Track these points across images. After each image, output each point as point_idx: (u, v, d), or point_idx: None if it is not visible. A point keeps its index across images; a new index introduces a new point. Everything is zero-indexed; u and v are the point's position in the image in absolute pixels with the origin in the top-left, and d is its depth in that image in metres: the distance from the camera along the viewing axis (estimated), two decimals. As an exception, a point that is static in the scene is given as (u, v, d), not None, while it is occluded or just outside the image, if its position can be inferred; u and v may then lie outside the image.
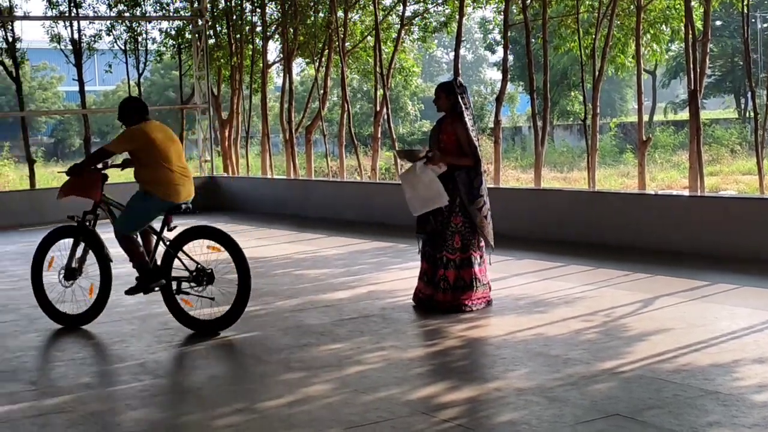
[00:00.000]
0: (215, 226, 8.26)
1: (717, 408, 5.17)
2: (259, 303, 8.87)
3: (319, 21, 18.32)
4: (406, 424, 5.19)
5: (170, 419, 5.49)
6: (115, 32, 20.12)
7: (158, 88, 47.52)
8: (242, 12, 19.88)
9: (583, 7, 14.18)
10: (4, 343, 7.65)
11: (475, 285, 8.04)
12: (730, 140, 34.15)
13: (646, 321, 7.33)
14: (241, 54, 19.64)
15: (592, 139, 13.93)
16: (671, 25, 14.70)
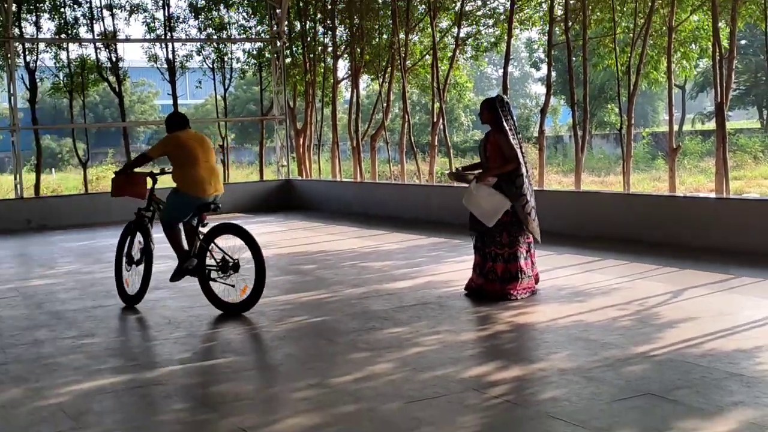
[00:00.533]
0: (238, 224, 8.44)
1: (741, 389, 5.10)
2: (330, 291, 8.93)
3: (383, 42, 18.35)
4: (459, 399, 5.19)
5: (253, 392, 5.54)
6: (205, 53, 20.37)
7: (241, 102, 47.96)
8: (315, 34, 19.99)
9: (619, 28, 14.04)
10: (109, 324, 7.79)
11: (520, 277, 8.01)
12: (753, 148, 33.63)
13: (676, 310, 7.25)
14: (314, 71, 19.74)
15: (627, 147, 13.79)
16: (700, 44, 14.50)
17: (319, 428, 4.81)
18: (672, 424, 4.59)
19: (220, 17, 20.42)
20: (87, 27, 19.12)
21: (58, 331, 7.59)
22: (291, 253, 12.02)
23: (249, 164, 38.18)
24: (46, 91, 21.76)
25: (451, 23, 17.56)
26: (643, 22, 13.30)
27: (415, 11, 17.44)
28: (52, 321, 8.04)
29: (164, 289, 9.39)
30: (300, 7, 19.97)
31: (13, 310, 8.70)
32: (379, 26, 18.49)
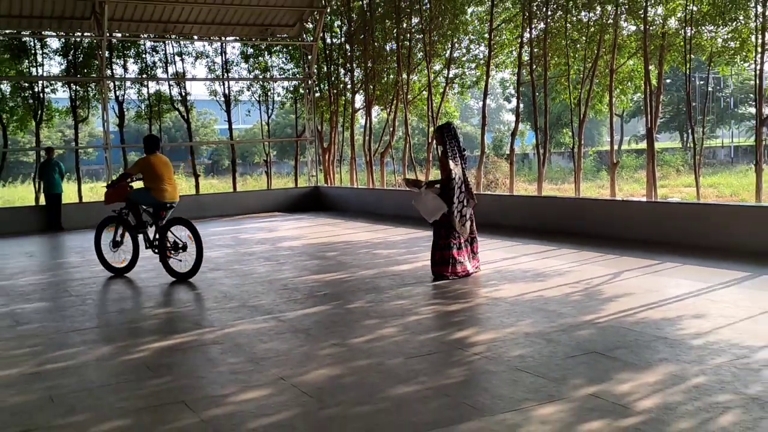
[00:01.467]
0: (186, 218, 9.18)
1: (665, 349, 5.09)
2: (348, 272, 8.93)
3: (390, 81, 18.33)
4: (448, 355, 5.20)
5: (289, 349, 5.56)
6: (252, 89, 20.36)
7: (280, 127, 47.95)
8: (338, 75, 19.97)
9: (572, 70, 14.00)
10: (179, 297, 7.82)
11: (451, 262, 8.05)
12: (676, 163, 33.60)
13: (615, 288, 7.25)
14: (337, 103, 19.73)
15: (578, 162, 13.75)
16: (634, 83, 14.44)
17: (339, 378, 4.82)
18: (612, 375, 4.59)
19: (264, 61, 20.43)
20: (162, 69, 19.15)
21: (140, 302, 7.64)
22: (318, 243, 12.03)
23: (287, 174, 38.13)
24: (131, 118, 21.81)
25: (442, 66, 17.53)
26: (591, 65, 13.26)
27: (414, 57, 17.41)
28: (135, 295, 8.08)
29: (221, 270, 9.42)
30: (326, 54, 19.98)
31: (106, 286, 8.75)
32: (387, 69, 18.45)
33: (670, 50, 12.52)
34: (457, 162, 8.07)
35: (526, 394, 4.34)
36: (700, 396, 4.18)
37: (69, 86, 18.27)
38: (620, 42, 13.05)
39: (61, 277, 9.66)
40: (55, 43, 18.58)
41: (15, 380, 5.11)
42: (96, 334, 6.33)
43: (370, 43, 18.42)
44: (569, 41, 13.74)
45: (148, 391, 4.72)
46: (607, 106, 14.01)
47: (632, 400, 4.15)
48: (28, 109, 17.91)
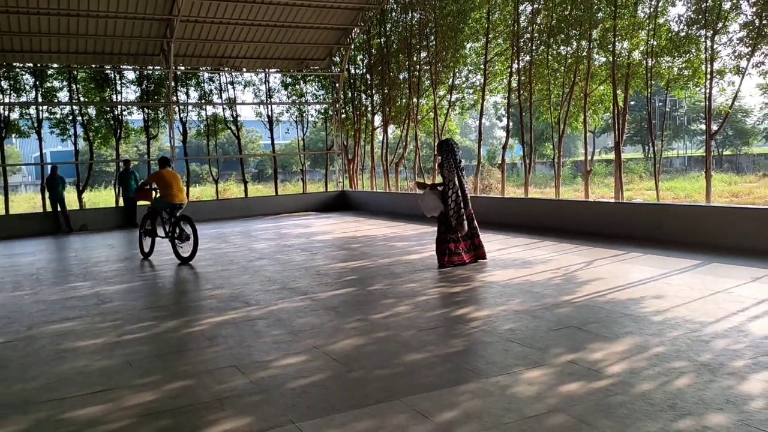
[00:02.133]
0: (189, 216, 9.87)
1: (631, 324, 5.05)
2: (368, 261, 8.94)
3: (402, 104, 18.29)
4: (452, 328, 5.19)
5: (321, 323, 5.57)
6: (290, 111, 20.40)
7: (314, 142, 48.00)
8: (360, 99, 19.95)
9: (552, 95, 13.90)
10: (231, 280, 7.86)
11: (447, 253, 8.03)
12: (639, 170, 33.22)
13: (589, 273, 7.19)
14: (359, 122, 19.71)
15: (557, 170, 13.65)
16: (604, 104, 14.30)
17: (362, 347, 4.83)
18: (586, 345, 4.56)
19: (300, 89, 20.43)
20: (218, 95, 19.21)
21: (200, 285, 7.68)
22: (344, 237, 12.05)
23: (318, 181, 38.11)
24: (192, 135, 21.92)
25: (446, 92, 17.45)
26: (568, 90, 13.16)
27: (423, 84, 17.35)
28: (196, 279, 8.13)
29: (265, 259, 9.46)
30: (351, 82, 19.96)
31: (172, 272, 8.80)
32: (400, 94, 18.40)
33: (634, 77, 12.38)
34: (452, 171, 8.03)
35: (516, 360, 4.32)
36: (659, 362, 4.14)
37: (142, 110, 18.41)
38: (593, 71, 12.95)
39: (135, 264, 9.74)
40: (131, 75, 18.73)
41: (100, 348, 5.17)
42: (165, 310, 6.38)
43: (386, 73, 18.40)
44: (550, 70, 13.64)
45: (207, 357, 4.75)
46: (582, 124, 13.88)
47: (603, 366, 4.12)
48: (110, 128, 18.07)
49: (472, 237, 8.24)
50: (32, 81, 16.97)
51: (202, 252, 10.66)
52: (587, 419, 3.36)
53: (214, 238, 12.68)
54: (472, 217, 8.23)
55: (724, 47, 10.86)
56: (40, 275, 8.98)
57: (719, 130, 11.92)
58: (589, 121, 13.69)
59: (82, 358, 4.90)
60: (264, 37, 18.04)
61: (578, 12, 12.71)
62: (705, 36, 10.84)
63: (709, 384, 3.76)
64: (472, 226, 8.25)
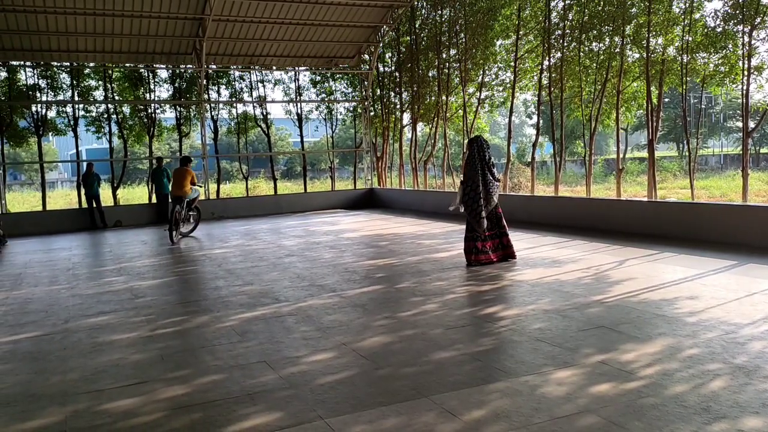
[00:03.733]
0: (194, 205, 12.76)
1: (664, 325, 4.97)
2: (397, 258, 8.94)
3: (431, 102, 18.24)
4: (480, 327, 5.17)
5: (349, 321, 5.59)
6: (320, 109, 20.50)
7: (342, 139, 48.14)
8: (389, 97, 19.95)
9: (584, 92, 13.71)
10: (261, 277, 7.94)
11: (473, 252, 7.98)
12: (673, 168, 32.60)
13: (620, 273, 7.09)
14: (388, 120, 19.72)
15: (588, 168, 13.47)
16: (637, 101, 14.05)
17: (390, 344, 4.84)
18: (617, 346, 4.50)
19: (329, 87, 20.53)
20: (248, 93, 19.41)
21: (230, 281, 7.77)
22: (372, 234, 12.07)
23: (347, 178, 38.27)
24: (223, 133, 22.18)
25: (475, 89, 17.33)
26: (600, 87, 12.97)
27: (452, 82, 17.26)
28: (226, 275, 8.23)
29: (294, 256, 9.53)
30: (379, 80, 19.98)
31: (203, 267, 8.93)
32: (429, 92, 18.34)
33: (669, 74, 12.14)
34: (475, 169, 7.96)
35: (545, 360, 4.28)
36: (693, 365, 4.06)
37: (175, 108, 18.71)
38: (626, 67, 12.73)
39: (168, 259, 9.90)
40: (164, 74, 18.99)
41: (134, 342, 5.27)
42: (196, 305, 6.47)
43: (415, 71, 18.36)
44: (582, 67, 13.46)
45: (237, 352, 4.81)
46: (614, 122, 13.68)
47: (635, 367, 4.06)
48: (143, 126, 18.39)
49: (500, 236, 8.17)
50: (69, 80, 17.36)
51: (232, 249, 10.79)
52: (618, 421, 3.32)
53: (244, 235, 12.82)
54: (500, 216, 8.16)
55: (762, 43, 10.60)
56: (76, 270, 9.19)
57: (756, 128, 11.63)
58: (621, 118, 13.47)
59: (117, 351, 5.01)
60: (294, 36, 18.15)
61: (611, 7, 12.51)
62: (742, 32, 10.58)
63: (745, 387, 3.68)
64: (500, 225, 8.18)
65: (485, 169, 8.02)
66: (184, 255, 10.26)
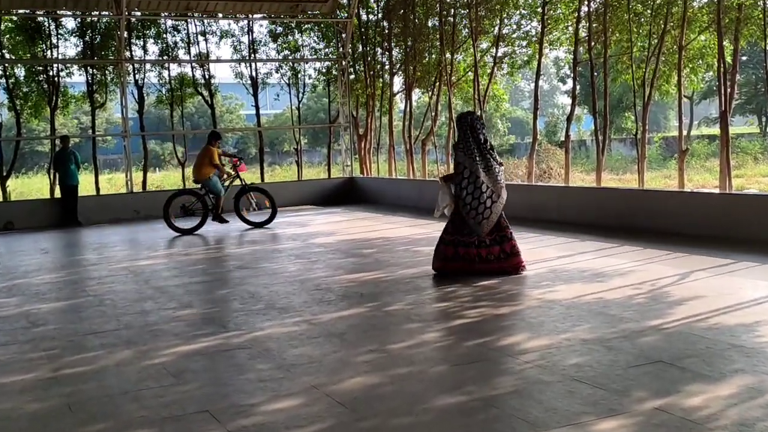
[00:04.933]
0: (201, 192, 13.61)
1: (741, 358, 5.00)
2: (387, 271, 8.94)
3: (432, 61, 18.28)
4: (496, 364, 5.18)
5: (323, 355, 5.58)
6: (282, 71, 20.48)
7: (312, 112, 48.16)
8: (374, 54, 19.99)
9: (635, 47, 13.80)
10: (203, 297, 7.92)
11: (476, 260, 8.13)
12: (754, 150, 32.89)
13: (684, 289, 7.14)
14: (374, 86, 19.74)
15: (641, 149, 13.58)
16: (706, 60, 14.18)
17: (377, 387, 4.83)
18: (680, 387, 4.52)
19: (294, 41, 20.54)
20: (185, 50, 19.38)
21: (162, 302, 7.73)
22: (354, 239, 12.07)
23: (319, 164, 38.29)
24: (151, 103, 22.10)
25: (490, 44, 17.41)
26: (657, 41, 13.06)
27: (459, 35, 17.33)
28: (157, 294, 8.19)
29: (248, 269, 9.51)
30: (362, 32, 20.01)
31: (125, 285, 8.88)
32: (428, 47, 18.40)
33: (747, 23, 12.25)
34: (471, 155, 8.06)
35: (584, 407, 4.30)
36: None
37: (85, 70, 18.59)
38: (690, 15, 12.83)
39: (78, 275, 9.84)
40: (71, 23, 18.87)
41: (31, 385, 5.23)
42: (115, 336, 6.44)
43: (410, 20, 18.39)
44: (632, 15, 13.55)
45: (171, 399, 4.79)
46: (674, 87, 13.79)
47: (704, 416, 4.09)
48: (43, 94, 18.26)
49: (502, 242, 8.21)
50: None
51: (164, 259, 10.74)
52: (681, 487, 3.34)
53: (180, 241, 12.77)
54: (501, 216, 8.22)
55: None
56: (-48, 289, 9.11)
57: None
58: (684, 83, 13.59)
59: (7, 398, 4.96)
60: (246, -28, 18.10)
61: (671, -65, 12.60)
62: None
63: None
64: (500, 226, 8.22)
65: (484, 153, 8.09)
66: (99, 269, 10.21)
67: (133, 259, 11.06)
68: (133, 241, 13.55)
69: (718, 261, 8.43)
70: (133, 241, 13.56)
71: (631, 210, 11.58)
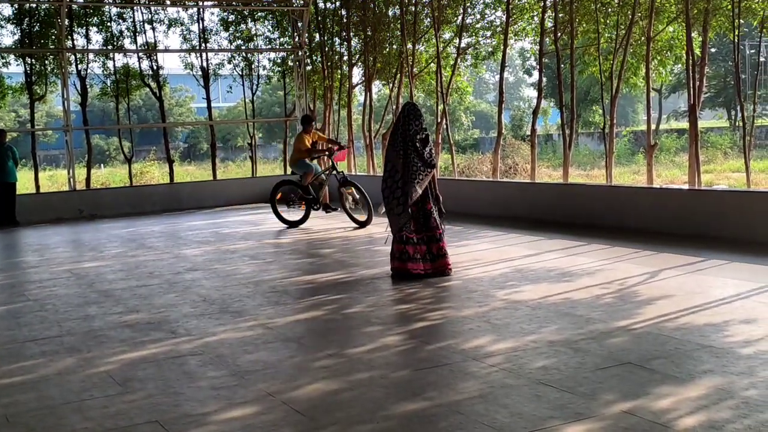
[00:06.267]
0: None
1: (710, 359, 5.10)
2: (346, 272, 8.95)
3: (392, 51, 18.30)
4: (460, 368, 5.21)
5: (279, 361, 5.57)
6: (234, 61, 20.35)
7: (267, 105, 47.97)
8: (332, 45, 19.95)
9: (603, 39, 13.98)
10: (151, 301, 7.83)
11: (401, 258, 8.26)
12: (723, 144, 33.52)
13: (653, 289, 7.25)
14: (332, 77, 19.72)
15: (609, 144, 13.75)
16: (674, 52, 14.41)
17: (336, 393, 4.83)
18: (649, 390, 4.60)
19: (248, 30, 20.41)
20: (131, 39, 19.14)
21: (107, 307, 7.64)
22: (311, 239, 12.05)
23: (274, 160, 38.10)
24: (95, 95, 21.79)
25: (453, 34, 17.49)
26: (624, 33, 13.24)
27: (421, 24, 17.38)
28: (102, 299, 8.09)
29: (199, 271, 9.45)
30: (319, 21, 19.96)
31: (67, 289, 8.76)
32: (389, 37, 18.43)
33: (716, 15, 12.48)
34: (396, 148, 8.22)
35: (551, 411, 4.35)
36: (750, 413, 4.18)
37: (23, 59, 18.27)
38: (658, 5, 13.02)
39: (16, 278, 9.68)
40: (7, 10, 18.54)
41: (-35, 397, 5.13)
42: (57, 343, 6.34)
43: (369, 8, 18.40)
44: (599, 5, 13.72)
45: (117, 409, 4.73)
46: (643, 80, 14.00)
47: (672, 418, 4.16)
48: (-23, 86, 17.92)
49: (429, 242, 8.29)
50: None
51: (109, 261, 10.61)
52: (650, 492, 3.39)
53: (126, 241, 12.62)
54: (428, 215, 8.31)
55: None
56: None
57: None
58: (653, 75, 13.79)
59: (-61, 411, 4.86)
60: (196, -43, 17.95)
61: None
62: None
63: (819, 442, 3.81)
64: (429, 227, 8.28)
65: (408, 148, 8.16)
66: (39, 272, 10.05)
67: (76, 261, 10.90)
68: (77, 242, 13.35)
69: (688, 259, 8.58)
70: (76, 242, 13.36)
71: (599, 207, 11.73)
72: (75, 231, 14.65)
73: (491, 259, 9.25)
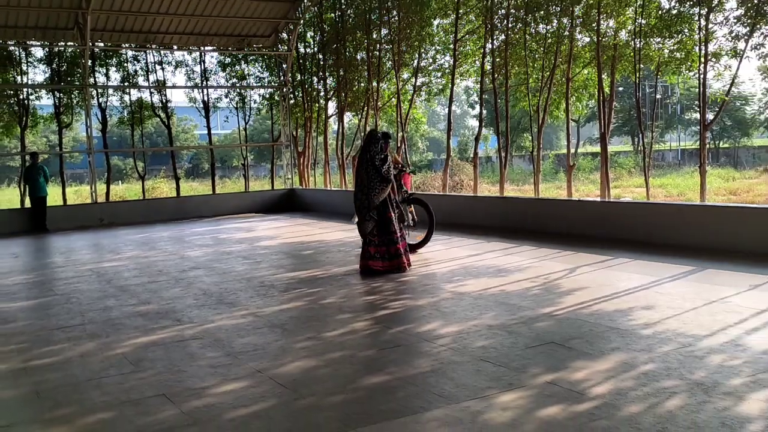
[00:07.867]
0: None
1: (617, 338, 5.17)
2: (322, 269, 8.92)
3: (361, 88, 18.31)
4: (416, 347, 5.22)
5: (267, 343, 5.54)
6: (230, 96, 20.22)
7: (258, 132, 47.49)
8: (311, 83, 19.90)
9: (531, 79, 14.12)
10: (160, 294, 7.74)
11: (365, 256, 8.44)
12: (628, 165, 33.96)
13: (571, 282, 7.32)
14: (311, 110, 19.65)
15: (537, 164, 13.88)
16: (588, 90, 14.60)
17: (314, 369, 4.82)
18: (568, 364, 4.64)
19: (241, 70, 20.28)
20: (144, 77, 18.91)
21: (123, 299, 7.55)
22: (294, 242, 11.99)
23: (263, 177, 37.81)
24: (114, 123, 21.48)
25: (410, 75, 17.55)
26: (548, 74, 13.39)
27: (384, 66, 17.41)
28: (118, 293, 7.98)
29: (201, 269, 9.36)
30: (300, 63, 19.90)
31: (89, 284, 8.63)
32: (358, 77, 18.42)
33: (621, 60, 12.68)
34: (363, 167, 8.41)
35: (489, 382, 4.37)
36: (648, 382, 4.25)
37: (53, 93, 17.97)
38: (575, 52, 13.20)
39: (46, 276, 9.51)
40: (40, 52, 18.22)
41: (3, 376, 5.03)
42: (80, 330, 6.25)
43: (341, 53, 18.40)
44: (528, 52, 13.87)
45: (130, 385, 4.67)
46: (563, 112, 14.15)
47: (586, 387, 4.21)
48: (14, 115, 17.59)
49: (388, 244, 8.35)
50: None
51: (125, 261, 10.47)
52: (568, 447, 3.43)
53: (139, 245, 12.46)
54: (387, 221, 8.39)
55: (720, 27, 11.22)
56: (-72, 290, 8.68)
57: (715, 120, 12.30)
58: (571, 109, 13.96)
59: (-20, 388, 4.76)
60: (198, 10, 17.83)
61: (559, -15, 12.94)
62: (699, 14, 11.17)
63: (703, 405, 3.88)
64: (387, 230, 8.37)
65: (369, 167, 8.37)
66: (66, 271, 9.88)
67: (97, 261, 10.75)
68: (97, 245, 13.15)
69: (600, 257, 8.68)
70: (97, 245, 13.16)
71: (529, 215, 11.82)
72: (96, 236, 14.43)
73: (442, 259, 9.29)
